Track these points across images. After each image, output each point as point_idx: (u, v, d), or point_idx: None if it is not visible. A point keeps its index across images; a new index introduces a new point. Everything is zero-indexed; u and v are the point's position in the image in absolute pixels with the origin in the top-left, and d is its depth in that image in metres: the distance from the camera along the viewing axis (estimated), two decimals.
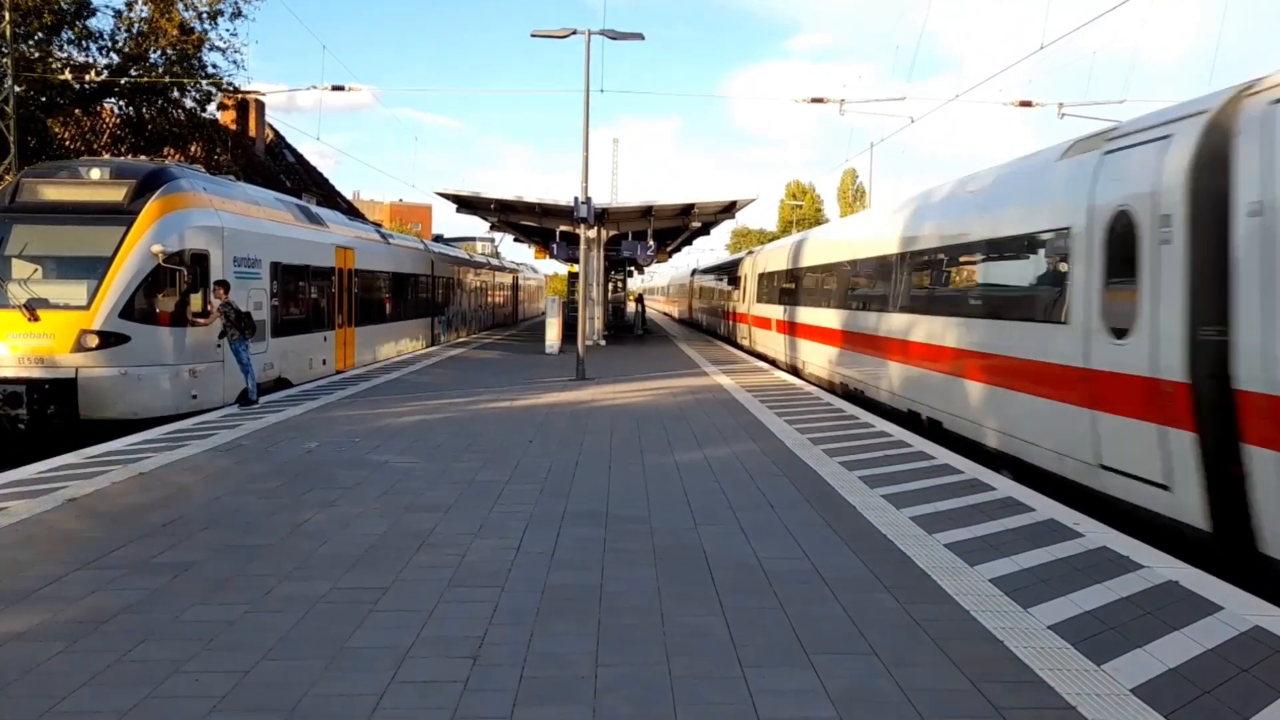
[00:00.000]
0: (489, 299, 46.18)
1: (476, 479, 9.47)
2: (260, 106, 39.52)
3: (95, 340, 13.48)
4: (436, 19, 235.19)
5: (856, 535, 7.40)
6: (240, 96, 33.72)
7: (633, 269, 47.29)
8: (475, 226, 68.63)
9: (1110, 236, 9.20)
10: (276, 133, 44.32)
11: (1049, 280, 10.74)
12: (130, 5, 27.97)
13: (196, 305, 14.74)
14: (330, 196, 42.79)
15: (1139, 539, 7.32)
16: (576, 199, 20.69)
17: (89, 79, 26.72)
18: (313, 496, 8.64)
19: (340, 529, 7.51)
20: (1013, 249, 11.88)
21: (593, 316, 29.97)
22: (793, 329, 23.79)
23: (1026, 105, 24.06)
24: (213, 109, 32.26)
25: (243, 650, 5.04)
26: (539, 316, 58.64)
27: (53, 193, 14.56)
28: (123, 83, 27.30)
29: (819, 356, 20.84)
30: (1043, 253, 11.05)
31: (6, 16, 23.05)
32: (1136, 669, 4.84)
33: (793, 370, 23.25)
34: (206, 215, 15.18)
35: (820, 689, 4.63)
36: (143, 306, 13.98)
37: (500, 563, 6.64)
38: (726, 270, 40.14)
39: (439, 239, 52.12)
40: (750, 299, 31.56)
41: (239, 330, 14.48)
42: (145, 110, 29.05)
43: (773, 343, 26.87)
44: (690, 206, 29.53)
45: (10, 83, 22.99)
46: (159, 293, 14.24)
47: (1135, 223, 8.75)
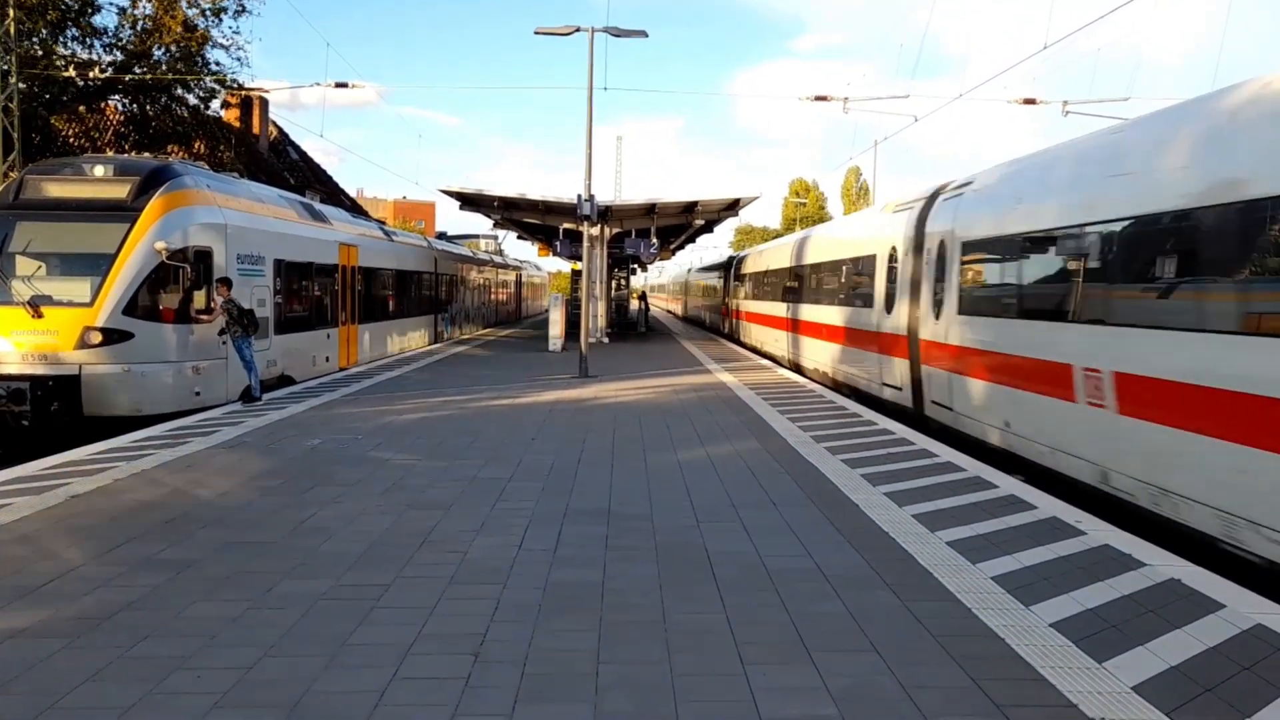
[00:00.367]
0: (492, 296, 46.19)
1: (479, 476, 9.48)
2: (264, 104, 39.52)
3: (99, 337, 13.50)
4: (440, 16, 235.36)
5: (858, 533, 7.40)
6: (244, 94, 33.71)
7: (636, 266, 47.26)
8: (479, 224, 68.76)
9: (889, 259, 16.55)
10: (280, 130, 44.36)
11: (872, 283, 17.56)
12: (134, 2, 27.97)
13: (200, 302, 14.76)
14: (334, 194, 42.80)
15: (1142, 538, 7.32)
16: (580, 196, 20.70)
17: (93, 76, 26.75)
18: (315, 494, 8.65)
19: (342, 526, 7.52)
20: (851, 265, 19.39)
21: (596, 314, 29.97)
22: (754, 318, 32.34)
23: (1031, 103, 24.03)
24: (216, 106, 32.24)
25: (244, 647, 5.05)
26: (542, 314, 58.59)
27: (56, 189, 14.59)
28: (126, 80, 27.33)
29: (765, 336, 29.92)
30: (865, 267, 18.21)
31: (11, 14, 23.06)
32: (1138, 667, 4.83)
33: (754, 350, 30.44)
34: (210, 212, 15.20)
35: (822, 687, 4.63)
36: (146, 303, 14.01)
37: (502, 560, 6.64)
38: (714, 270, 48.00)
39: (442, 236, 52.11)
40: (732, 295, 38.65)
41: (242, 327, 14.50)
42: (149, 107, 29.05)
43: (746, 330, 34.81)
44: (694, 204, 29.51)
45: (14, 79, 23.00)
46: (162, 290, 14.26)
47: (894, 253, 16.27)
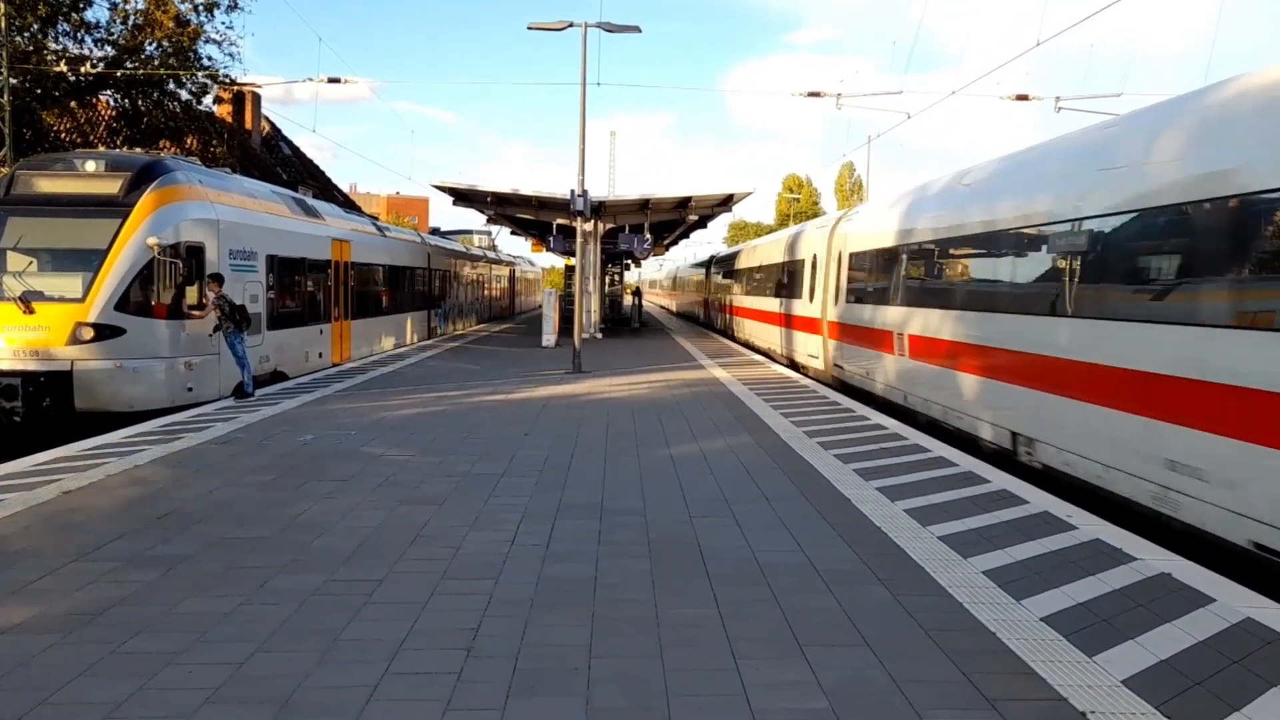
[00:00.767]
0: (486, 292, 46.14)
1: (472, 471, 9.47)
2: (256, 99, 39.41)
3: (90, 333, 13.47)
4: (433, 12, 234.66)
5: (850, 528, 7.42)
6: (236, 89, 33.60)
7: (630, 262, 47.25)
8: (472, 219, 68.69)
9: (812, 264, 21.81)
10: (273, 125, 44.25)
11: (801, 281, 23.00)
12: None
13: (192, 298, 14.73)
14: (327, 189, 42.69)
15: (1133, 532, 7.35)
16: (573, 192, 20.66)
17: (84, 71, 26.64)
18: (308, 489, 8.64)
19: (335, 522, 7.52)
20: (790, 267, 24.79)
21: (589, 309, 29.97)
22: (727, 309, 38.81)
23: (1024, 99, 24.03)
24: (209, 101, 32.14)
25: (237, 642, 5.05)
26: (536, 309, 58.68)
27: (48, 185, 14.53)
28: (118, 75, 27.21)
29: (736, 322, 35.75)
30: (797, 269, 23.69)
31: (1, 8, 22.94)
32: (1128, 660, 4.86)
33: (723, 332, 38.10)
34: (202, 208, 15.16)
35: (814, 681, 4.64)
36: (138, 299, 13.97)
37: (495, 555, 6.65)
38: (698, 268, 55.16)
39: (436, 232, 52.06)
40: (711, 291, 45.39)
41: (234, 323, 14.47)
42: (141, 103, 28.93)
43: (721, 319, 41.03)
44: (687, 199, 29.51)
45: (5, 74, 22.89)
46: (154, 285, 14.22)
47: (814, 259, 21.50)
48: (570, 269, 38.68)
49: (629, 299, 45.53)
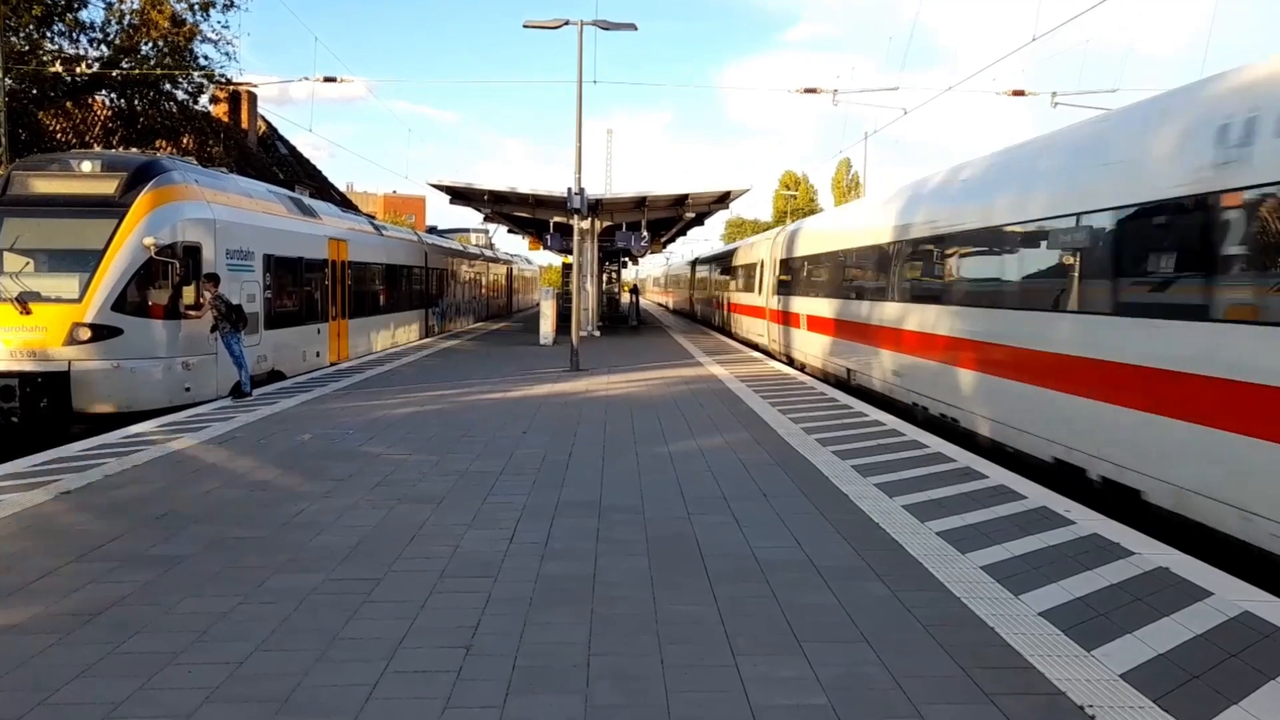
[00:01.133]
0: (483, 290, 46.12)
1: (470, 470, 9.48)
2: (253, 98, 39.37)
3: (87, 333, 13.45)
4: (429, 10, 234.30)
5: (849, 524, 7.42)
6: (232, 89, 33.57)
7: (627, 260, 47.24)
8: (469, 218, 68.61)
9: (762, 265, 28.89)
10: (269, 125, 44.19)
11: (755, 279, 29.50)
12: None
13: (189, 298, 14.71)
14: (323, 189, 42.65)
15: (1132, 526, 7.37)
16: (570, 190, 20.64)
17: (80, 71, 26.59)
18: (306, 489, 8.64)
19: (333, 521, 7.52)
20: (751, 266, 30.88)
21: (587, 307, 29.96)
22: (711, 302, 44.44)
23: (1019, 95, 24.07)
24: (205, 101, 32.15)
25: (236, 642, 5.05)
26: (533, 308, 58.59)
27: (44, 185, 14.51)
28: (114, 75, 27.17)
29: (714, 314, 42.11)
30: (756, 268, 29.60)
31: None
32: (1126, 654, 4.87)
33: (704, 322, 44.97)
34: (199, 208, 15.14)
35: (812, 677, 4.65)
36: (135, 299, 13.96)
37: (493, 553, 6.65)
38: (684, 267, 63.02)
39: (433, 230, 51.99)
40: (696, 287, 51.21)
41: (230, 323, 14.47)
42: (137, 103, 28.90)
43: (704, 312, 46.63)
44: (684, 197, 29.50)
45: (0, 75, 22.85)
46: (151, 285, 14.21)
47: (763, 262, 29.15)
48: (567, 267, 38.73)
49: (626, 296, 45.53)
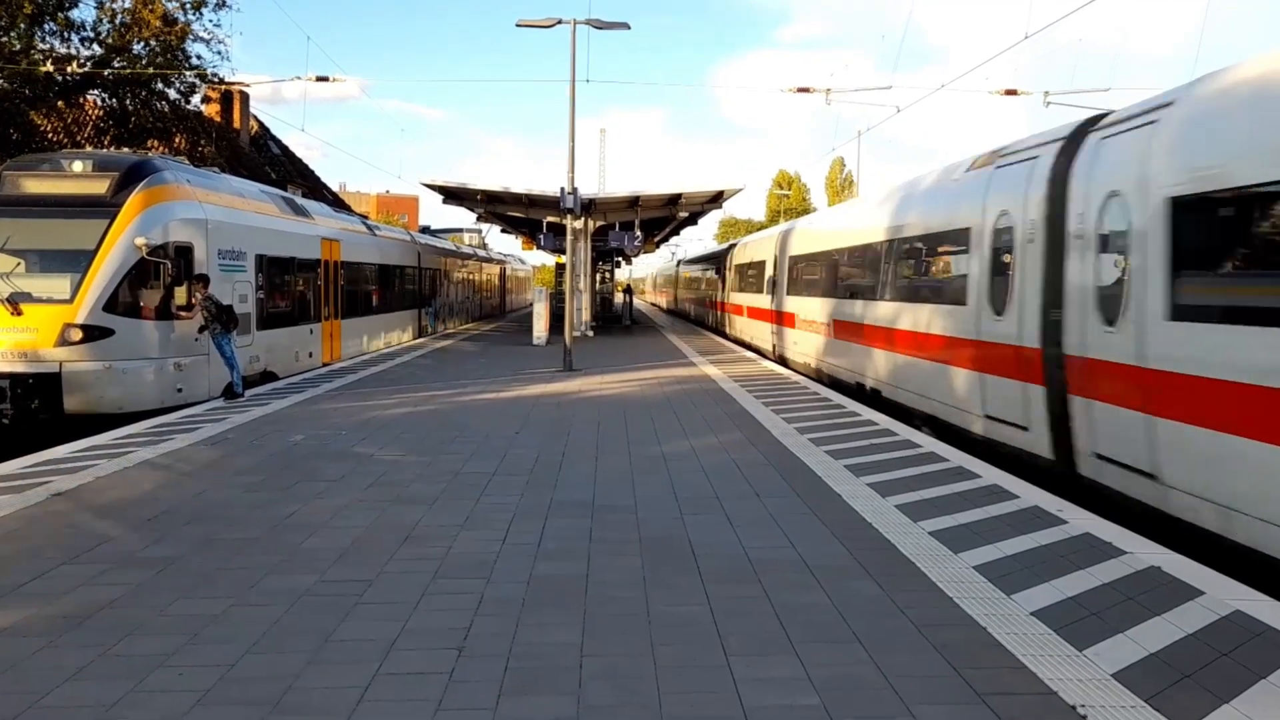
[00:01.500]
0: (476, 290, 46.07)
1: (463, 471, 9.46)
2: (245, 98, 39.26)
3: (79, 334, 13.41)
4: (422, 9, 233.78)
5: (842, 524, 7.43)
6: (224, 88, 33.43)
7: (620, 259, 47.23)
8: (462, 218, 68.47)
9: (723, 270, 35.62)
10: (261, 124, 44.05)
11: (716, 279, 37.66)
12: None
13: (181, 298, 14.68)
14: (316, 188, 42.58)
15: (1124, 525, 7.38)
16: (563, 189, 20.63)
17: (71, 71, 26.47)
18: (298, 489, 8.62)
19: (326, 522, 7.50)
20: (712, 272, 39.39)
21: (580, 307, 29.94)
22: (690, 300, 49.95)
23: (1012, 94, 24.10)
24: (197, 101, 31.98)
25: (228, 644, 5.03)
26: (527, 307, 58.39)
27: (35, 185, 14.46)
28: (106, 74, 27.06)
29: (689, 309, 48.60)
30: (715, 272, 38.34)
31: None
32: (1118, 654, 4.88)
33: (686, 316, 50.92)
34: (190, 208, 15.10)
35: (805, 677, 4.65)
36: (127, 300, 13.92)
37: (486, 554, 6.64)
38: (668, 269, 69.95)
39: (426, 230, 52.02)
40: (680, 288, 56.49)
41: (221, 324, 14.43)
42: (129, 102, 28.74)
43: (686, 308, 51.60)
44: (677, 196, 29.50)
45: None
46: (143, 286, 14.18)
47: (721, 268, 36.85)
48: (561, 267, 38.72)
49: (620, 296, 45.50)
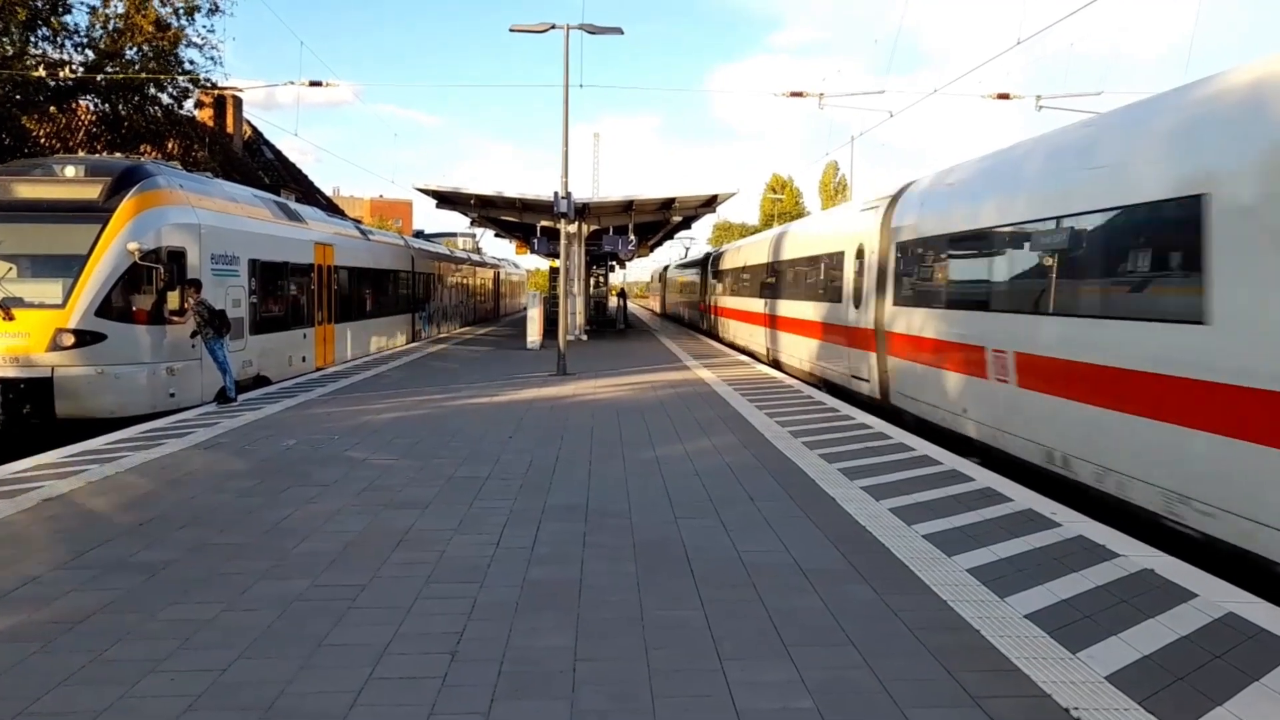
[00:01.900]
0: (470, 294, 46.04)
1: (456, 475, 9.45)
2: (238, 103, 39.21)
3: (71, 339, 13.36)
4: (415, 14, 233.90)
5: (836, 527, 7.43)
6: (217, 93, 33.45)
7: (614, 264, 47.23)
8: (456, 222, 68.66)
9: (701, 277, 42.74)
10: (255, 129, 44.00)
11: (697, 287, 45.00)
12: (105, 1, 27.63)
13: (174, 303, 14.63)
14: (309, 193, 42.50)
15: (1116, 528, 7.39)
16: (557, 194, 20.62)
17: (64, 76, 26.41)
18: (291, 494, 8.60)
19: (318, 527, 7.48)
20: (690, 281, 48.30)
21: (574, 311, 29.94)
22: (664, 303, 59.34)
23: (1005, 98, 24.12)
24: (190, 106, 31.91)
25: (219, 649, 5.01)
26: (521, 312, 58.52)
27: (27, 190, 14.41)
28: (98, 79, 27.00)
29: (670, 306, 56.50)
30: (695, 280, 46.13)
31: None
32: (1111, 656, 4.88)
33: (673, 317, 56.45)
34: (183, 212, 15.06)
35: (798, 680, 4.64)
36: (119, 305, 13.88)
37: (479, 559, 6.63)
38: (654, 272, 78.78)
39: (420, 235, 51.89)
40: (668, 290, 63.13)
41: (213, 329, 14.39)
42: (121, 107, 28.64)
43: (669, 307, 58.45)
44: (671, 201, 29.52)
45: None
46: (135, 291, 14.14)
47: (701, 274, 43.56)
48: (554, 271, 38.66)
49: (614, 300, 45.52)
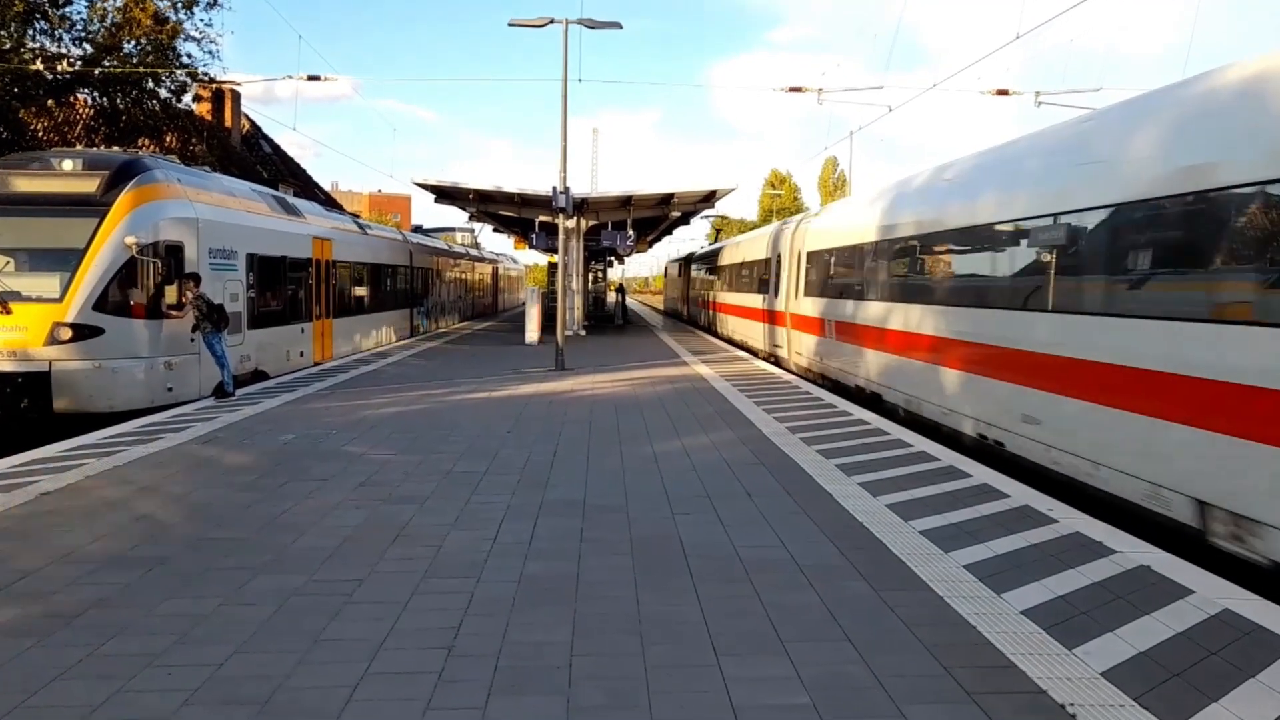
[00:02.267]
0: (469, 289, 46.00)
1: (454, 470, 9.45)
2: (236, 97, 39.10)
3: (68, 333, 13.35)
4: (415, 9, 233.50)
5: (833, 523, 7.43)
6: (216, 87, 33.32)
7: (613, 259, 47.22)
8: (455, 217, 68.49)
9: (679, 274, 54.40)
10: (253, 123, 43.92)
11: (681, 284, 50.40)
12: None
13: (172, 297, 14.62)
14: (308, 187, 42.43)
15: (1114, 525, 7.40)
16: (555, 189, 20.59)
17: (61, 69, 26.36)
18: (288, 489, 8.60)
19: (316, 521, 7.48)
20: (672, 279, 57.75)
21: (572, 306, 29.93)
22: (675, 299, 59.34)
23: (1003, 94, 24.09)
24: (188, 99, 31.89)
25: (216, 644, 5.02)
26: (519, 307, 58.51)
27: (25, 184, 14.39)
28: (96, 73, 26.95)
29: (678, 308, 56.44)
30: (678, 276, 53.38)
31: None
32: (1107, 653, 4.89)
33: (674, 313, 56.18)
34: (181, 206, 15.05)
35: (795, 676, 4.65)
36: (117, 299, 13.86)
37: (477, 554, 6.63)
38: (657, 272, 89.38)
39: (418, 229, 51.92)
40: (666, 289, 65.03)
41: (211, 323, 14.38)
42: (120, 101, 28.62)
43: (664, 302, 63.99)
44: (670, 196, 29.50)
45: None
46: (133, 285, 14.12)
47: (683, 270, 53.31)
48: (553, 266, 38.70)
49: (612, 296, 45.50)
